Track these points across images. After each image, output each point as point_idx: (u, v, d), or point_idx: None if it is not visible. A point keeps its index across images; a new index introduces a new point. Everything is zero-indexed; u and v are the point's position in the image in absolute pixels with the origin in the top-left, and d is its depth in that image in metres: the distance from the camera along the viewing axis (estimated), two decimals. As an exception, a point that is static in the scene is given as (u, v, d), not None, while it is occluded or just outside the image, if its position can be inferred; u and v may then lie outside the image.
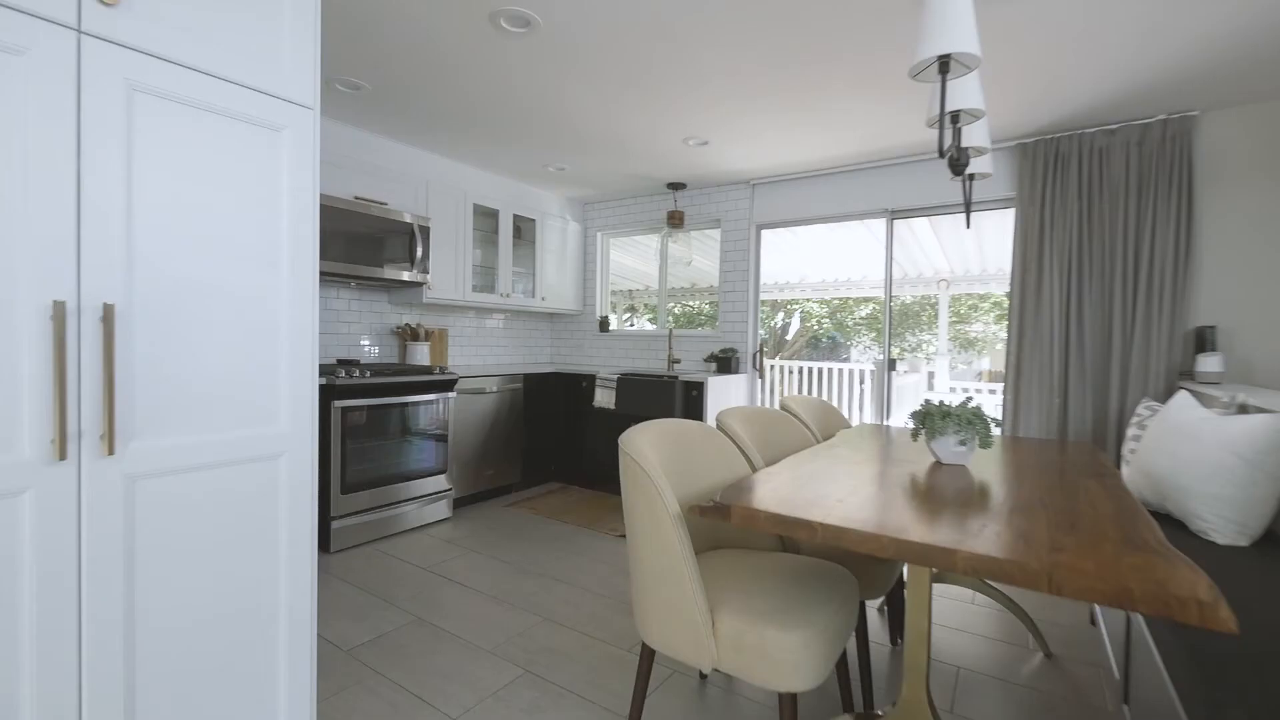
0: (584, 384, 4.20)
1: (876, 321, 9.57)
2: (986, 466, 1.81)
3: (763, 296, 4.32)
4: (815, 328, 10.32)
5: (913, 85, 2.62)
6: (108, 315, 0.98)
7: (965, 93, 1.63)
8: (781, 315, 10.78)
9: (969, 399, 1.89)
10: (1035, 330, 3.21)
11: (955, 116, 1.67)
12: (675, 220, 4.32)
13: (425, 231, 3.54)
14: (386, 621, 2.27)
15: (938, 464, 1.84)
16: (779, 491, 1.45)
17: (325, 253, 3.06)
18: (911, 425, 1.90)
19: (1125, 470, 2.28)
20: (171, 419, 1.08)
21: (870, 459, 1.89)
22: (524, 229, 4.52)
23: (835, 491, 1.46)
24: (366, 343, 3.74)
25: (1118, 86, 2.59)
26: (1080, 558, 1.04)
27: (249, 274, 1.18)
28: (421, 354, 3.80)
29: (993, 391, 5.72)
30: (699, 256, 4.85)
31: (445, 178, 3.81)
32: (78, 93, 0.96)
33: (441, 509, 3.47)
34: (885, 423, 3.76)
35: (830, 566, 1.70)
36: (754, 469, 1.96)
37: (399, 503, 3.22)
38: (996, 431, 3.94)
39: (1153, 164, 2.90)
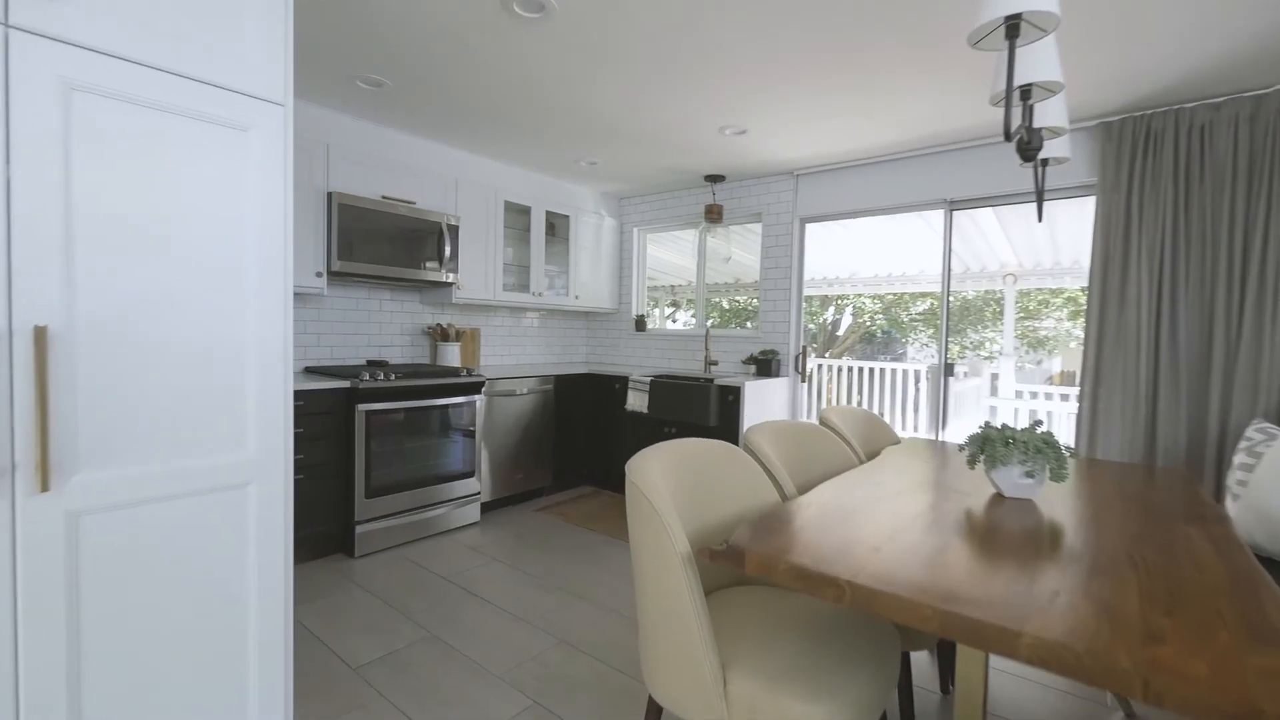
0: (617, 386, 4.06)
1: (934, 317, 9.02)
2: (1058, 501, 1.55)
3: (811, 292, 4.05)
4: (868, 324, 9.84)
5: (975, 57, 2.33)
6: (40, 338, 0.89)
7: (1039, 62, 1.37)
8: (832, 310, 10.35)
9: (1038, 423, 1.63)
10: (1118, 332, 2.84)
11: (1026, 92, 1.41)
12: (713, 215, 4.11)
13: (454, 230, 3.47)
14: (399, 637, 2.20)
15: (999, 496, 1.59)
16: (805, 532, 1.25)
17: (351, 253, 3.03)
18: (968, 451, 1.66)
19: (1231, 506, 1.95)
20: (121, 449, 0.99)
21: (919, 487, 1.66)
22: (557, 226, 4.40)
23: (873, 534, 1.25)
24: (398, 344, 3.72)
25: (1226, 50, 2.21)
26: (1187, 654, 0.80)
27: (210, 288, 1.08)
28: (452, 355, 3.75)
29: (1065, 397, 5.23)
30: (739, 251, 4.61)
31: (475, 175, 3.73)
32: (4, 93, 0.87)
33: (470, 513, 3.42)
34: (940, 436, 3.45)
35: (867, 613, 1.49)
36: (784, 497, 1.76)
37: (425, 507, 3.18)
38: (1072, 461, 3.56)
39: (1268, 143, 2.48)
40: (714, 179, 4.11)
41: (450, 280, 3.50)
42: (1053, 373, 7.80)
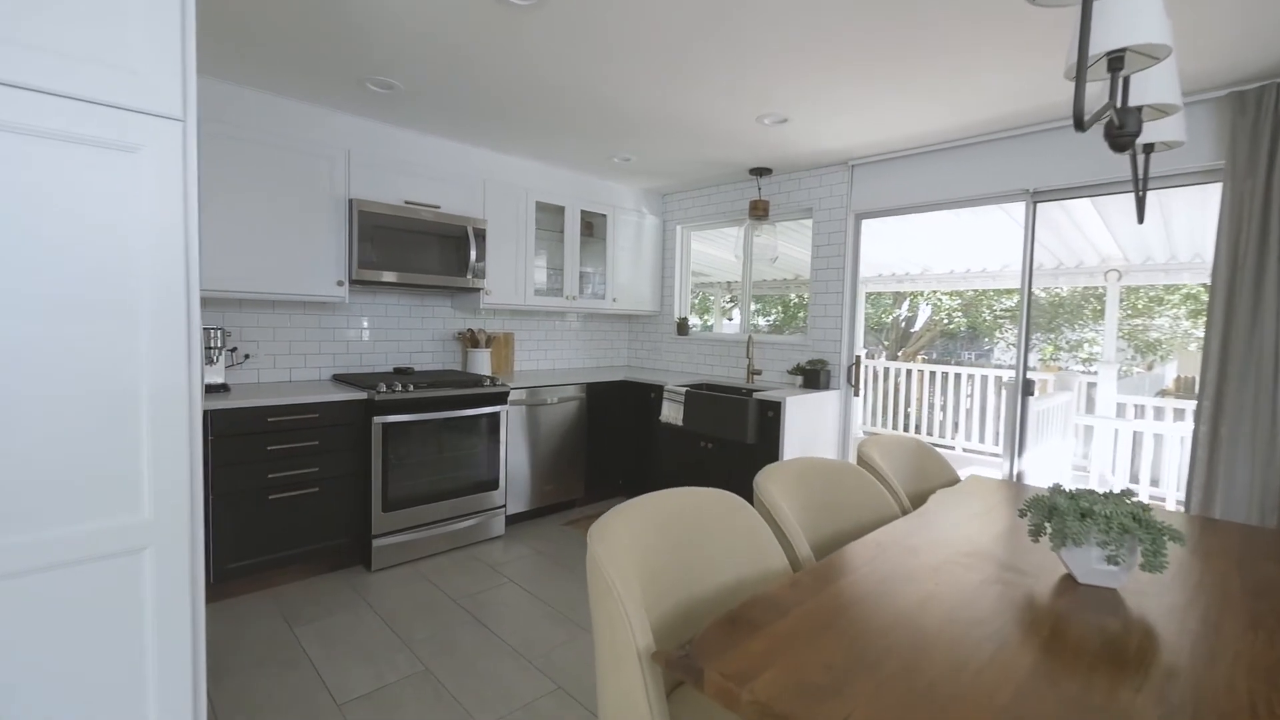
0: (652, 395, 3.84)
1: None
2: (1153, 590, 1.19)
3: (878, 288, 3.66)
4: (945, 322, 9.06)
5: (1063, 21, 1.91)
6: None
7: (1134, 20, 1.01)
8: (906, 306, 9.63)
9: (1130, 496, 1.26)
10: (1249, 346, 2.31)
11: (1116, 60, 1.06)
12: (758, 211, 3.78)
13: (481, 234, 3.35)
14: (393, 669, 2.09)
15: (1070, 579, 1.25)
16: (799, 634, 0.99)
17: (373, 261, 2.97)
18: (1029, 519, 1.32)
19: None
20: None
21: (967, 557, 1.34)
22: (595, 225, 4.21)
23: (893, 639, 0.97)
24: (428, 350, 3.67)
25: None
26: None
27: (88, 333, 0.95)
28: (482, 361, 3.66)
29: (1179, 414, 4.49)
30: (787, 246, 4.25)
31: (503, 175, 3.60)
32: None
33: (493, 526, 3.32)
34: (1015, 466, 2.99)
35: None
36: (796, 563, 1.48)
37: (445, 520, 3.10)
38: (1176, 544, 3.04)
39: None
40: (759, 172, 3.77)
41: (478, 286, 3.39)
42: (1166, 381, 6.83)
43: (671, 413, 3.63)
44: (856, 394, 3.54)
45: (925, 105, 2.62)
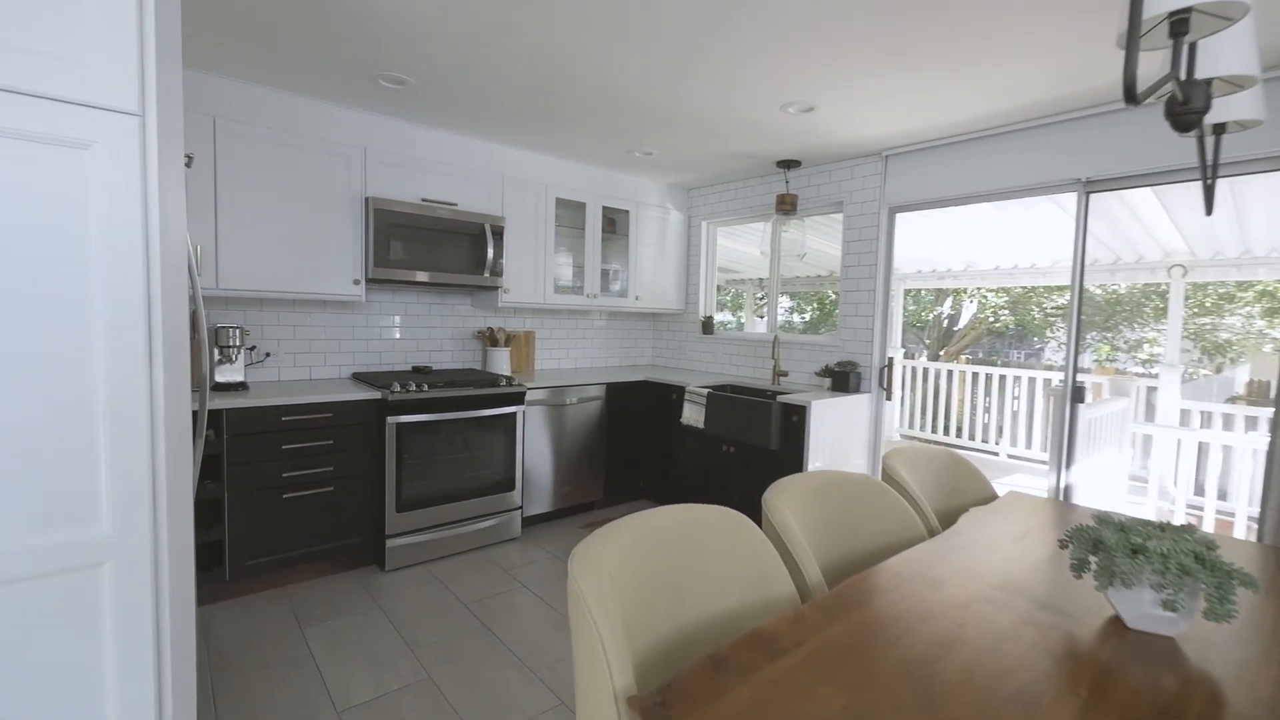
0: (674, 396, 3.73)
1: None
2: (1219, 642, 1.03)
3: (918, 285, 3.46)
4: (990, 320, 8.63)
5: (1119, -10, 1.70)
6: None
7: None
8: (949, 303, 9.22)
9: (1192, 531, 1.10)
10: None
11: (1180, 22, 0.90)
12: (785, 205, 3.61)
13: (499, 231, 3.30)
14: (395, 676, 2.06)
15: (1119, 622, 1.10)
16: (789, 686, 0.88)
17: (389, 259, 2.95)
18: (1071, 552, 1.16)
19: None
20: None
21: (1000, 591, 1.19)
22: (617, 221, 4.12)
23: (905, 692, 0.85)
24: (448, 348, 3.65)
25: None
26: None
27: (39, 338, 0.91)
28: (501, 360, 3.62)
29: (1252, 422, 4.12)
30: (818, 241, 4.07)
31: (521, 172, 3.54)
32: None
33: (509, 528, 3.27)
34: (1061, 482, 2.76)
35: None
36: (804, 590, 1.35)
37: (461, 521, 3.07)
38: (1247, 589, 2.79)
39: None
40: (787, 165, 3.61)
41: (496, 284, 3.34)
42: (1237, 386, 6.31)
43: (693, 415, 3.51)
44: (889, 398, 3.35)
45: (965, 89, 2.43)
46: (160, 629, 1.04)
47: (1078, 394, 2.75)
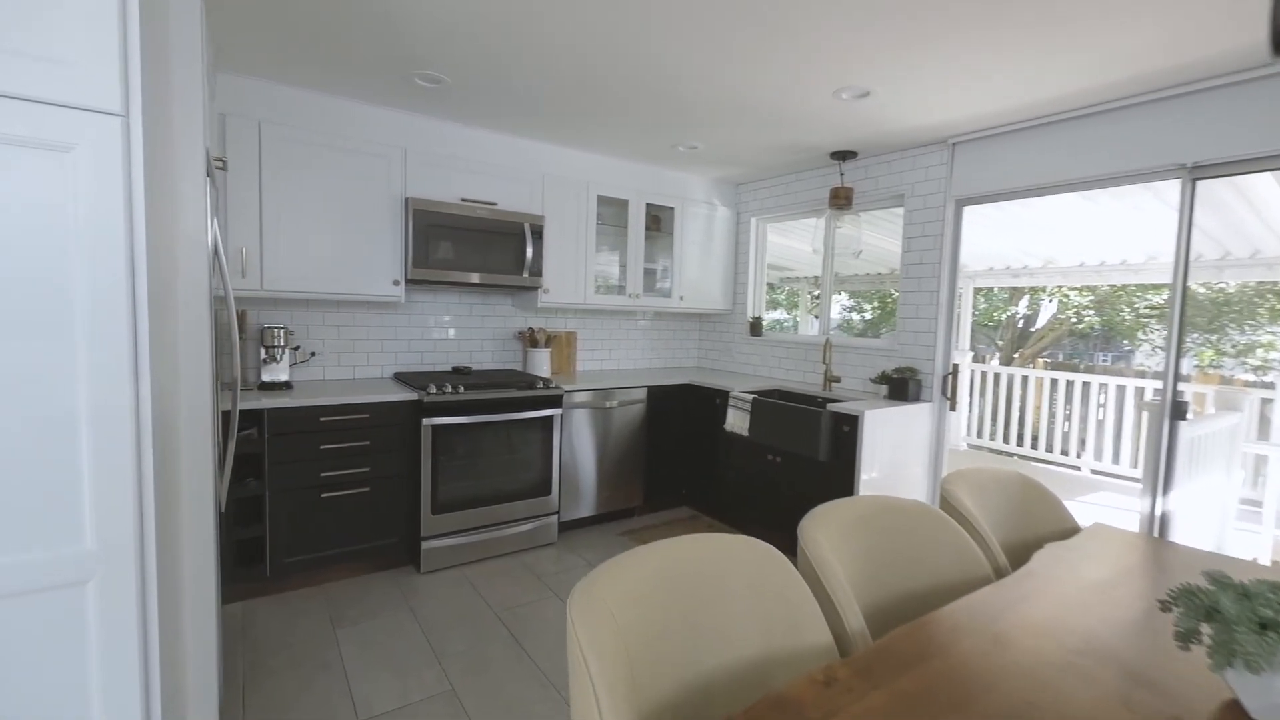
0: (717, 400, 3.57)
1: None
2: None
3: (989, 283, 3.16)
4: (1073, 320, 7.95)
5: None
6: None
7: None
8: (1024, 303, 8.57)
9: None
10: None
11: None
12: (839, 199, 3.38)
13: (538, 231, 3.24)
14: (419, 686, 2.02)
15: (1238, 709, 0.89)
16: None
17: (428, 260, 2.94)
18: (1177, 619, 0.95)
19: None
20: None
21: (1082, 655, 1.00)
22: (661, 219, 4.00)
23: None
24: (488, 349, 3.63)
25: None
26: None
27: (18, 348, 0.88)
28: (541, 361, 3.56)
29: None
30: (875, 237, 3.80)
31: (562, 169, 3.46)
32: None
33: (545, 533, 3.21)
34: (1158, 510, 2.43)
35: None
36: (843, 640, 1.18)
37: (496, 525, 3.03)
38: None
39: None
40: (842, 156, 3.37)
41: (535, 284, 3.29)
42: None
43: (737, 421, 3.34)
44: (953, 409, 3.07)
45: (1045, 65, 2.15)
46: (148, 650, 1.00)
47: (1178, 410, 2.41)
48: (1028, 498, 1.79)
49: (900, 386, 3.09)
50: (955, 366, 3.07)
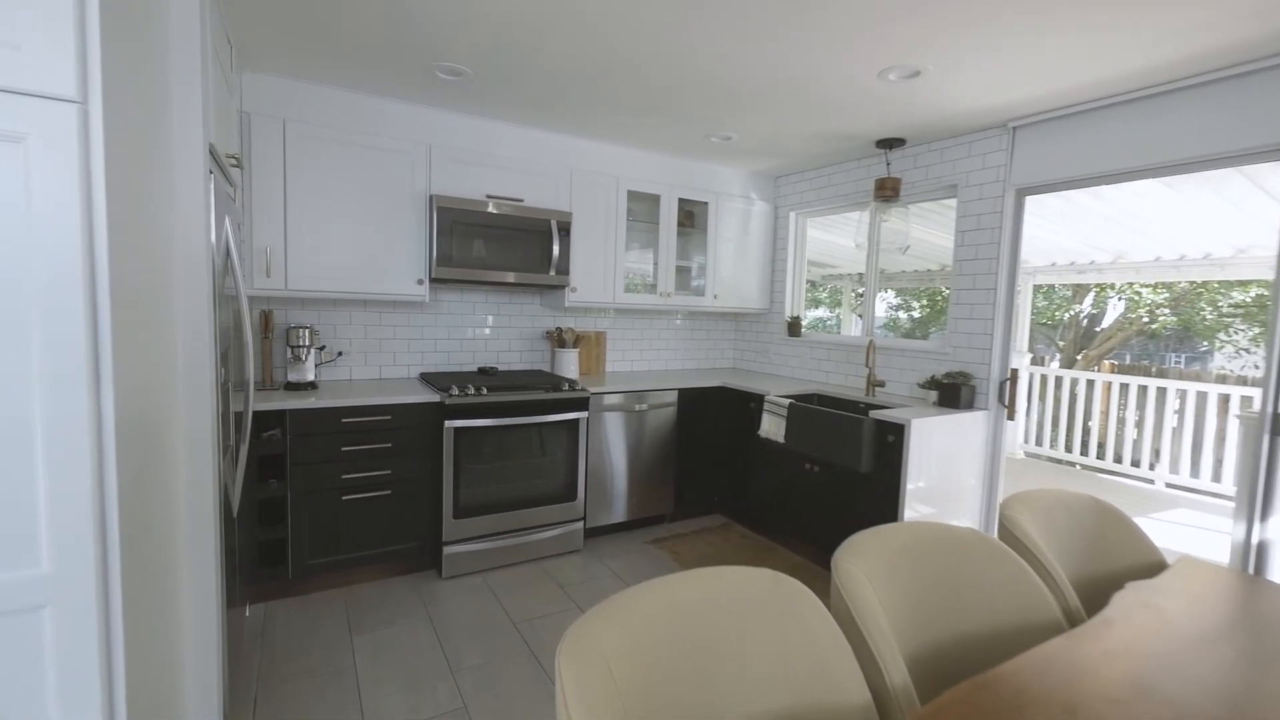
0: (752, 404, 3.40)
1: (1260, 312, 6.32)
2: None
3: (1050, 279, 2.89)
4: (1144, 319, 7.37)
5: None
6: None
7: None
8: (1090, 300, 8.02)
9: None
10: None
11: None
12: (886, 190, 3.15)
13: (565, 228, 3.14)
14: (431, 701, 1.94)
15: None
16: None
17: (452, 259, 2.87)
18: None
19: None
20: None
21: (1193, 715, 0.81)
22: (695, 214, 3.84)
23: None
24: (516, 349, 3.55)
25: None
26: None
27: (-35, 358, 0.81)
28: (568, 362, 3.47)
29: None
30: (924, 231, 3.54)
31: (591, 164, 3.35)
32: None
33: (570, 539, 3.12)
34: (1253, 537, 2.13)
35: None
36: (883, 703, 1.02)
37: (520, 530, 2.95)
38: None
39: None
40: (889, 144, 3.14)
41: (562, 283, 3.19)
42: None
43: (772, 427, 3.16)
44: (1010, 418, 2.81)
45: (1121, 34, 1.90)
46: (113, 675, 0.93)
47: (1280, 424, 2.11)
48: (1103, 526, 1.57)
49: (951, 393, 2.85)
50: (1014, 372, 2.81)
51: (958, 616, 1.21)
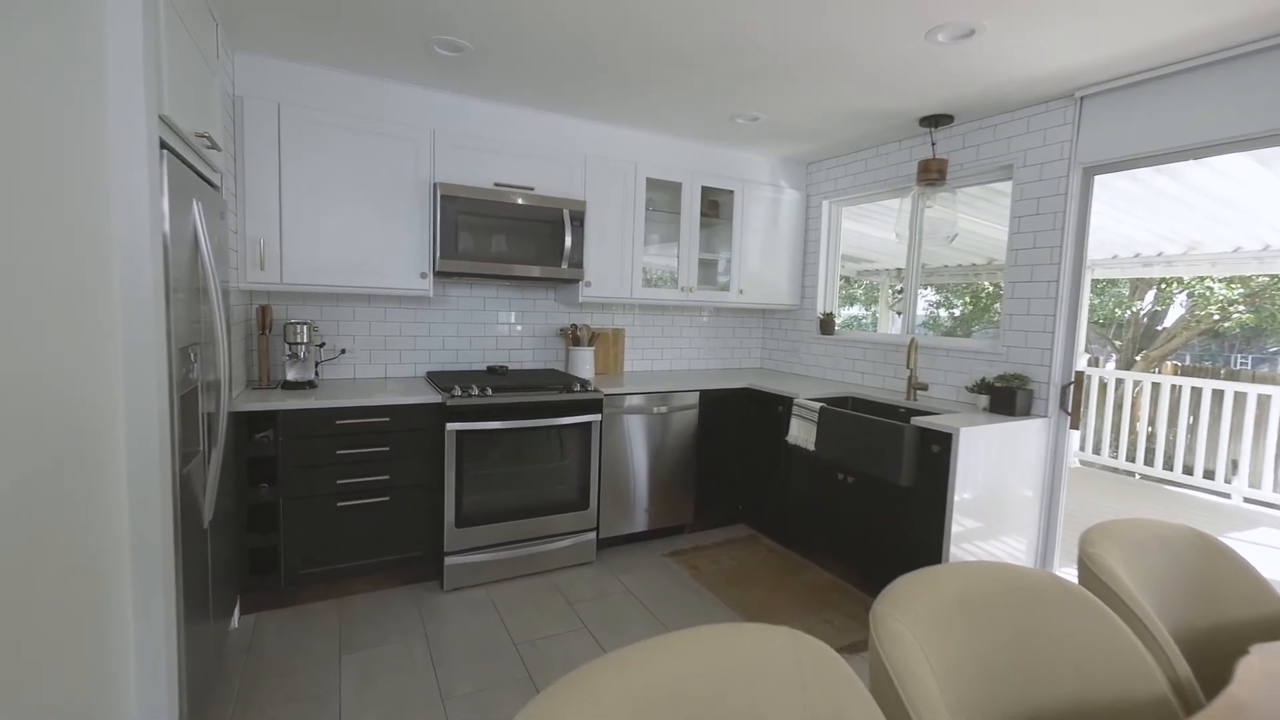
0: (780, 408, 3.14)
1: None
2: None
3: (1108, 274, 2.56)
4: (1215, 316, 6.78)
5: None
6: None
7: None
8: (1151, 296, 7.45)
9: None
10: None
11: None
12: (931, 172, 2.85)
13: (579, 218, 2.94)
14: (416, 735, 1.76)
15: None
16: None
17: (457, 251, 2.70)
18: None
19: None
20: None
21: None
22: (720, 204, 3.59)
23: None
24: (529, 346, 3.37)
25: None
26: None
27: None
28: (583, 361, 3.27)
29: None
30: (971, 220, 3.21)
31: (607, 150, 3.14)
32: None
33: (581, 550, 2.91)
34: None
35: None
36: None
37: (527, 541, 2.76)
38: None
39: None
40: (934, 121, 2.83)
41: (575, 277, 2.99)
42: None
43: (802, 433, 2.90)
44: (1075, 426, 2.48)
45: (1232, -30, 1.58)
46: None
47: None
48: (1208, 566, 1.28)
49: (1005, 398, 2.54)
50: (1079, 375, 2.48)
51: (1033, 690, 0.96)
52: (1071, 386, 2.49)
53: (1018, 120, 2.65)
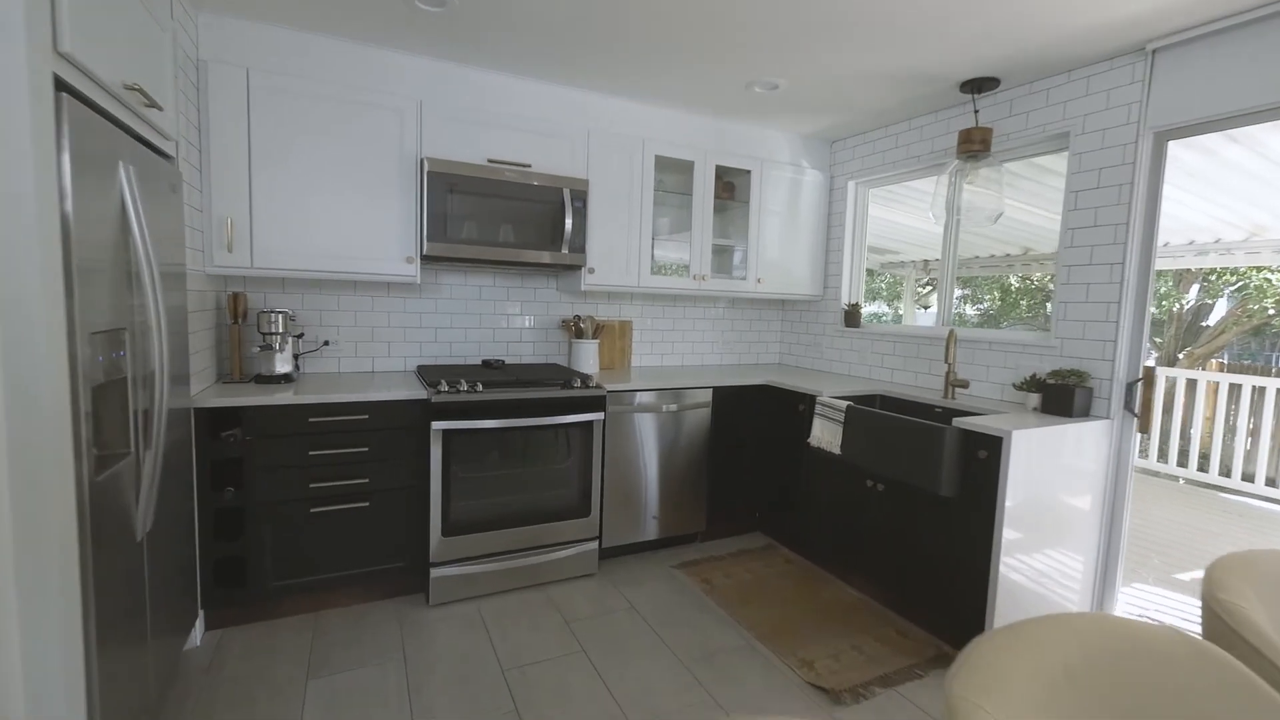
0: (801, 407, 2.86)
1: None
2: None
3: (1168, 264, 2.26)
4: (1270, 310, 6.31)
5: None
6: None
7: None
8: (1196, 289, 7.00)
9: None
10: None
11: None
12: (972, 144, 2.54)
13: (580, 198, 2.69)
14: (381, 781, 1.53)
15: None
16: None
17: (445, 233, 2.46)
18: None
19: None
20: None
21: None
22: (736, 185, 3.32)
23: None
24: (529, 338, 3.13)
25: None
26: None
27: None
28: (587, 355, 3.02)
29: None
30: (1009, 204, 2.89)
31: (612, 124, 2.88)
32: None
33: (582, 562, 2.67)
34: None
35: None
36: None
37: (522, 551, 2.52)
38: None
39: None
40: (978, 86, 2.53)
41: (577, 263, 2.74)
42: None
43: (826, 434, 2.62)
44: (1144, 429, 2.17)
45: None
46: None
47: None
48: (1369, 615, 0.98)
49: (1061, 396, 2.24)
50: (1149, 370, 2.17)
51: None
52: (1140, 384, 2.17)
53: (1075, 82, 2.34)
